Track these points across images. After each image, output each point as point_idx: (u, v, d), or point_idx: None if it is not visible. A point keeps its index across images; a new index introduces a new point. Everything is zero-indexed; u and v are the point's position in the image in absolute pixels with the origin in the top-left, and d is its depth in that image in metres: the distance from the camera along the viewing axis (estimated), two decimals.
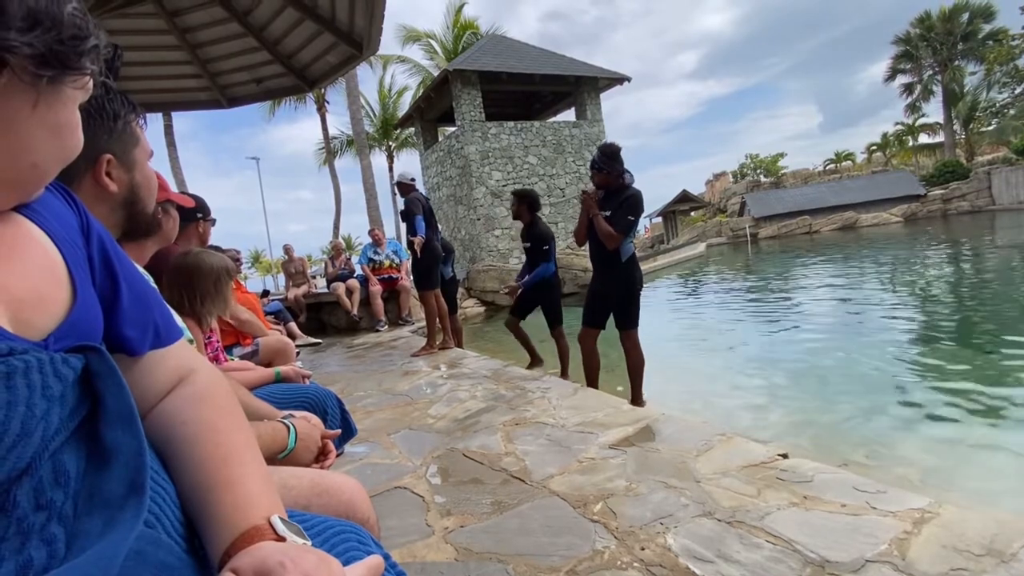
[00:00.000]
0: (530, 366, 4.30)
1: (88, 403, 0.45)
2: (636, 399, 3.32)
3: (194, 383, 0.60)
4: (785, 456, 1.91)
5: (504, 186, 13.59)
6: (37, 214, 0.49)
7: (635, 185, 3.28)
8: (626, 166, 3.28)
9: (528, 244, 4.27)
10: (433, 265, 4.66)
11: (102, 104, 0.80)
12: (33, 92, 0.40)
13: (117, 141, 0.83)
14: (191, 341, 1.24)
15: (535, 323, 4.50)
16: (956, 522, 1.39)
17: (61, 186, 0.55)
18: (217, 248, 3.84)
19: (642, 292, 3.37)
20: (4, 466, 0.35)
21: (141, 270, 1.15)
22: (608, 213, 3.24)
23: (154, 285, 1.16)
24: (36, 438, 0.38)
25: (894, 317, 5.97)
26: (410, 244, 4.66)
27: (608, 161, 3.22)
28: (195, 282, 1.49)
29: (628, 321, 3.33)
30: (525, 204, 4.26)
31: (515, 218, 4.38)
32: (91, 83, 0.46)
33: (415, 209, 4.57)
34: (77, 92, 0.45)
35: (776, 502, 1.59)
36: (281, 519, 0.50)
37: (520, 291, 4.29)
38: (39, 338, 0.43)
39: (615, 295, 3.31)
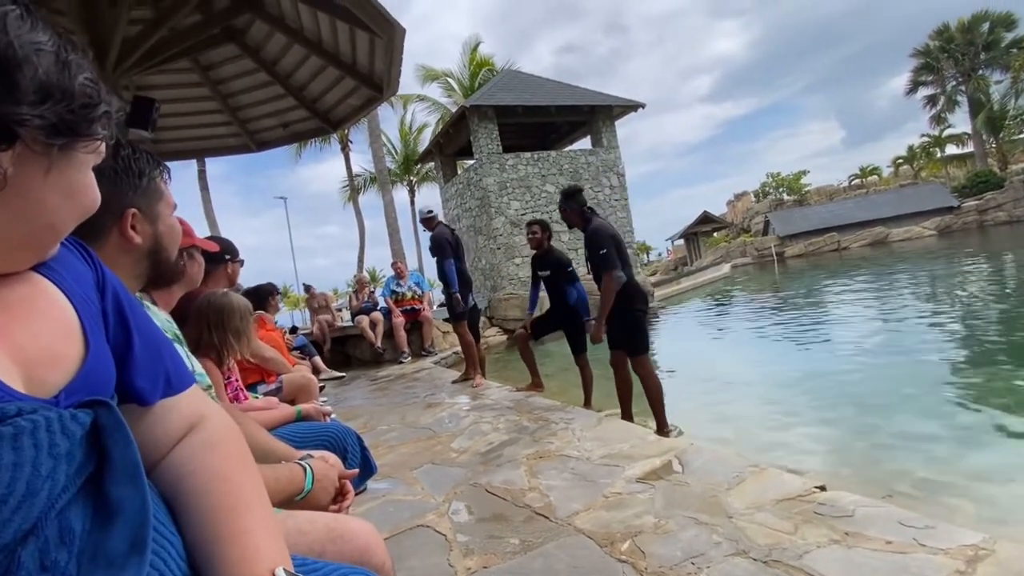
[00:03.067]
0: (527, 388, 4.20)
1: (95, 459, 0.45)
2: (661, 428, 3.22)
3: (204, 430, 0.60)
4: (823, 488, 1.81)
5: (523, 215, 13.72)
6: (53, 272, 0.51)
7: (599, 218, 3.47)
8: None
9: (547, 272, 4.20)
10: (463, 296, 4.66)
11: (129, 163, 0.85)
12: (46, 159, 0.43)
13: (142, 196, 0.88)
14: (209, 387, 1.26)
15: (560, 351, 4.45)
16: (1014, 559, 1.28)
17: (78, 242, 0.58)
18: (259, 288, 3.95)
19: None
20: (9, 528, 0.36)
21: (166, 315, 1.19)
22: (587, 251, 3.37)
23: (177, 330, 1.19)
24: (42, 498, 0.38)
25: (935, 336, 5.70)
26: (445, 291, 4.70)
27: (566, 200, 3.50)
28: (224, 321, 1.52)
29: (635, 347, 3.28)
30: (549, 232, 4.18)
31: (535, 247, 4.24)
32: (103, 147, 0.48)
33: (444, 252, 4.52)
34: (89, 156, 0.47)
35: (815, 539, 1.51)
36: (286, 572, 0.50)
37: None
38: (50, 395, 0.44)
39: (616, 323, 3.31)
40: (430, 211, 4.87)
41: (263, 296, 3.82)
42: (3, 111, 0.37)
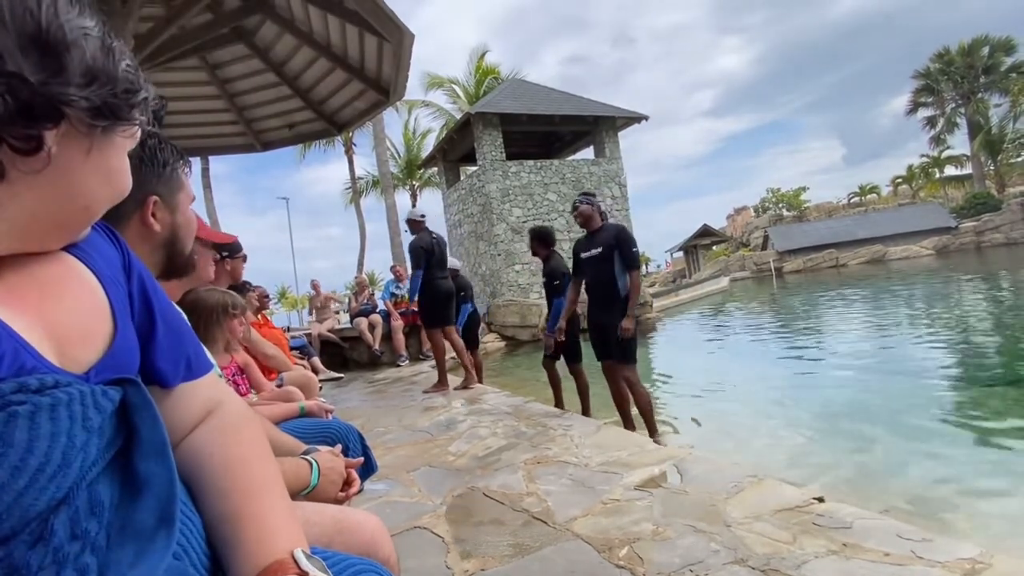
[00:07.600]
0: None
1: (123, 435, 0.46)
2: (652, 433, 3.29)
3: (222, 415, 0.61)
4: (821, 500, 1.82)
5: (524, 222, 13.78)
6: (84, 253, 0.52)
7: (615, 222, 3.64)
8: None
9: (544, 280, 4.33)
10: (433, 304, 4.62)
11: (154, 152, 0.86)
12: (87, 140, 0.44)
13: (164, 185, 0.89)
14: (219, 375, 1.26)
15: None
16: (1010, 573, 1.29)
17: (106, 226, 0.59)
18: (246, 284, 3.96)
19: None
20: (44, 495, 0.36)
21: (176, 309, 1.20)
22: (599, 250, 3.39)
23: (186, 322, 1.20)
24: (75, 468, 0.39)
25: (932, 353, 5.73)
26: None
27: (589, 197, 3.57)
28: (192, 319, 1.52)
29: (627, 356, 3.34)
30: (537, 241, 4.32)
31: (533, 255, 4.48)
32: (139, 132, 0.50)
33: (416, 261, 4.58)
34: (127, 140, 0.49)
35: (813, 549, 1.51)
36: (304, 553, 0.50)
37: (559, 339, 4.04)
38: (81, 371, 0.45)
39: (615, 329, 3.34)
40: (422, 215, 4.82)
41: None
42: (53, 91, 0.39)
